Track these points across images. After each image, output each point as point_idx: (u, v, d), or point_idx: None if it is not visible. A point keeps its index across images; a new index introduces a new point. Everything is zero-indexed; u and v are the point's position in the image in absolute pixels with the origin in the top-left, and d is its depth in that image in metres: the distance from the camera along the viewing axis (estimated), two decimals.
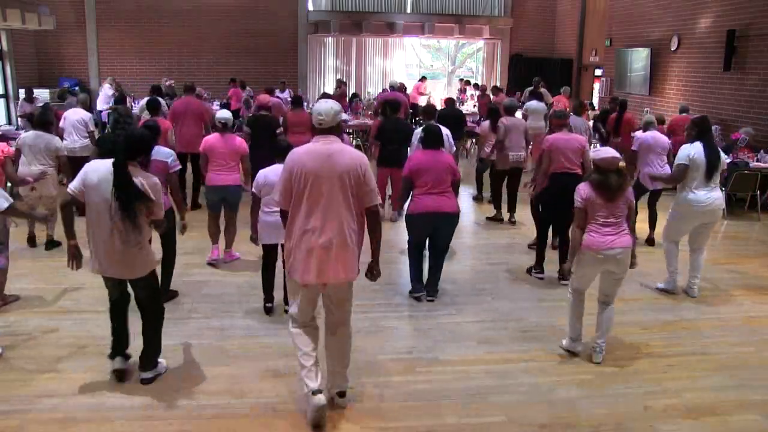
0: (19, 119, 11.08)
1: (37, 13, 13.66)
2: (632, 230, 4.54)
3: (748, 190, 9.06)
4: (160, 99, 9.09)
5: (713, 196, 5.70)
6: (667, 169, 7.10)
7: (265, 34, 17.48)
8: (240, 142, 6.51)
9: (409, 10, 18.67)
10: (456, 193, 5.63)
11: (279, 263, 4.70)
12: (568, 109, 10.49)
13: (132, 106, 14.03)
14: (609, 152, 4.47)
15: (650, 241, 7.44)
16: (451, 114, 9.60)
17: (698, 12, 12.12)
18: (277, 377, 4.25)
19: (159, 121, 6.92)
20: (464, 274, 6.40)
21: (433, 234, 5.61)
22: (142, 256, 3.95)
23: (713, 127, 10.63)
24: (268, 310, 5.33)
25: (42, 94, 13.42)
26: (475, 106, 15.19)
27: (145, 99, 10.32)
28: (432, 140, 5.64)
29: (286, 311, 5.14)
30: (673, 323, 5.30)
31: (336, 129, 3.69)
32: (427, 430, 3.72)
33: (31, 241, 7.01)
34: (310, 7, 18.05)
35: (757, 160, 9.34)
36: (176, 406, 3.89)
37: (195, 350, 4.61)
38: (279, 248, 5.02)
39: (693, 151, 5.65)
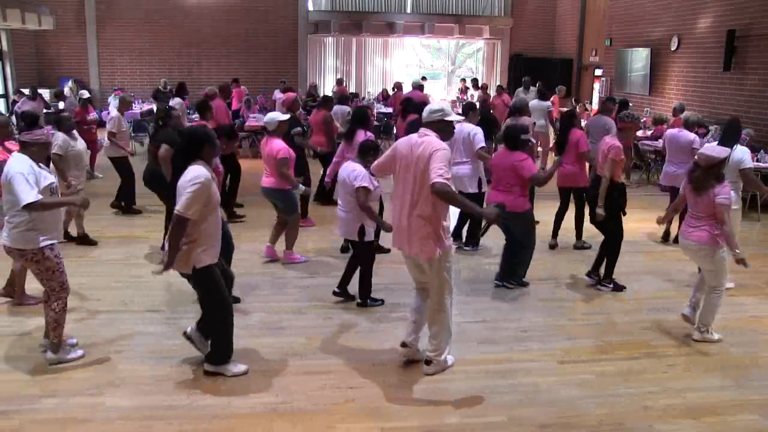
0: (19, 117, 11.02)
1: (37, 13, 13.68)
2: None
3: (748, 190, 9.04)
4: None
5: None
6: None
7: (265, 34, 17.49)
8: (272, 147, 6.25)
9: (409, 10, 18.67)
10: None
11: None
12: (557, 108, 10.48)
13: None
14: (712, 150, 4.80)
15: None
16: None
17: (698, 12, 12.12)
18: (277, 377, 4.25)
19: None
20: (464, 274, 6.40)
21: None
22: (183, 252, 3.96)
23: (712, 127, 10.70)
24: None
25: (43, 95, 13.41)
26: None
27: (175, 100, 10.42)
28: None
29: (359, 304, 5.43)
30: (673, 323, 5.29)
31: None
32: (427, 430, 3.72)
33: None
34: (310, 7, 18.05)
35: (757, 160, 9.33)
36: (176, 406, 3.89)
37: (195, 350, 4.61)
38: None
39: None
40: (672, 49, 12.88)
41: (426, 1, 18.66)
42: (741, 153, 5.86)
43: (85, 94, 10.45)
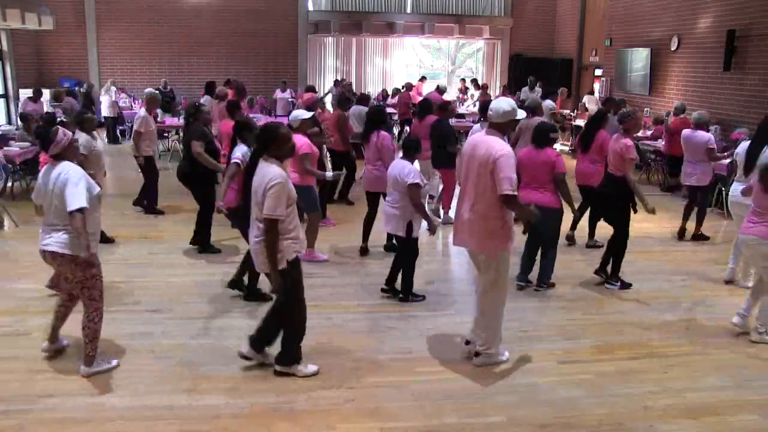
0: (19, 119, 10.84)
1: (37, 13, 13.67)
2: None
3: None
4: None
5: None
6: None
7: (265, 34, 17.49)
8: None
9: (409, 10, 18.67)
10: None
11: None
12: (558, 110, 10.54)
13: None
14: None
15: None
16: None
17: (698, 12, 12.12)
18: (278, 377, 4.25)
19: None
20: (464, 274, 6.40)
21: None
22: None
23: (712, 128, 10.69)
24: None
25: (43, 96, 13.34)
26: (475, 105, 15.21)
27: (205, 98, 10.38)
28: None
29: (401, 299, 5.56)
30: (673, 323, 5.30)
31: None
32: (427, 430, 3.73)
33: None
34: (310, 7, 18.05)
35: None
36: (176, 406, 3.89)
37: (195, 350, 4.61)
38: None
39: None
40: (672, 49, 12.88)
41: (426, 1, 18.65)
42: None
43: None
